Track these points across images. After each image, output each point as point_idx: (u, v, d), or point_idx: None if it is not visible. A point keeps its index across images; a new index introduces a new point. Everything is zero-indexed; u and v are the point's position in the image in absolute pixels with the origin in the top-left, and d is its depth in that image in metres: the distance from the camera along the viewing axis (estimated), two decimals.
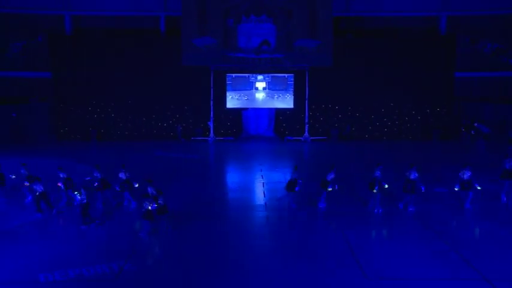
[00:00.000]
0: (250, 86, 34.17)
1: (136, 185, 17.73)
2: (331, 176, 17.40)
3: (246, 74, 34.06)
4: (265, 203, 18.40)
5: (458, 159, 26.70)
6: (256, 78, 34.08)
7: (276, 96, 34.24)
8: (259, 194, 20.03)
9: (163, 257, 13.17)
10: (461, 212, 17.23)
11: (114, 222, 15.93)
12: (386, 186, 17.13)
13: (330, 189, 17.37)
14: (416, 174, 17.14)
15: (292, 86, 34.16)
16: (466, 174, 17.15)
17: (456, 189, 17.50)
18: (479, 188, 17.26)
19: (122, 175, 17.83)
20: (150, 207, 14.45)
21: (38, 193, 16.41)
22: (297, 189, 17.48)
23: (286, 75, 34.15)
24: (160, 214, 14.84)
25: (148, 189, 15.62)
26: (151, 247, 14.07)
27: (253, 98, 34.25)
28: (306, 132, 34.10)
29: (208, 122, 34.23)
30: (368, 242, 14.22)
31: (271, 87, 34.19)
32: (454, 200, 18.25)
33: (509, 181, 18.30)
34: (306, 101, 34.01)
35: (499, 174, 18.77)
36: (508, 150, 29.45)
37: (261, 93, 34.20)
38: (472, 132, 33.57)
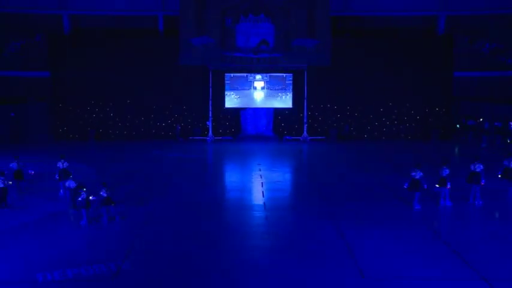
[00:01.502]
0: (249, 86, 34.18)
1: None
2: (446, 172, 17.14)
3: (245, 74, 34.05)
4: (264, 203, 18.38)
5: (455, 158, 26.81)
6: (254, 77, 34.09)
7: (274, 95, 34.22)
8: (258, 193, 20.01)
9: (162, 256, 13.15)
10: (460, 212, 17.24)
11: (114, 221, 15.91)
12: (425, 187, 17.09)
13: (448, 186, 17.23)
14: (482, 167, 17.51)
15: (291, 86, 34.17)
16: (445, 172, 17.24)
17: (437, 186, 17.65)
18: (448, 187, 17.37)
19: (59, 164, 18.75)
20: (91, 197, 15.48)
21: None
22: (425, 186, 17.06)
23: (284, 74, 34.15)
24: (104, 205, 15.67)
25: (69, 183, 16.70)
26: (150, 247, 14.06)
27: (251, 98, 34.24)
28: (305, 131, 34.10)
29: (207, 122, 34.21)
30: (366, 241, 14.20)
31: (269, 87, 34.20)
32: (454, 199, 18.28)
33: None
34: (305, 101, 34.00)
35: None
36: (483, 142, 31.12)
37: (260, 93, 34.19)
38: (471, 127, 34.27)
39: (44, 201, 18.41)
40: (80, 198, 15.49)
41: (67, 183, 17.20)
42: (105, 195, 15.73)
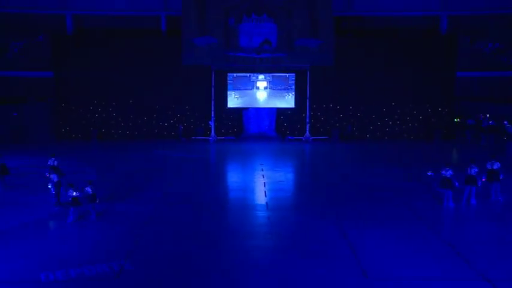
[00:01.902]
0: (252, 86, 34.17)
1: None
2: (475, 171, 17.51)
3: (247, 74, 34.05)
4: (267, 203, 18.38)
5: (459, 158, 26.77)
6: (257, 77, 34.07)
7: (277, 95, 34.21)
8: (261, 193, 20.01)
9: (164, 256, 13.16)
10: (462, 212, 17.24)
11: (115, 221, 15.95)
12: (457, 185, 17.40)
13: (479, 184, 17.67)
14: (499, 165, 17.99)
15: (294, 86, 34.15)
16: (474, 170, 17.61)
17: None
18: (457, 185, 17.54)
19: (50, 162, 19.60)
20: (75, 194, 15.87)
21: None
22: (457, 185, 17.32)
23: (287, 74, 34.13)
24: (90, 202, 16.16)
25: (53, 176, 17.39)
26: (152, 247, 14.07)
27: (254, 98, 34.23)
28: (307, 131, 34.07)
29: (210, 122, 34.22)
30: (369, 241, 14.20)
31: (272, 87, 34.18)
32: (458, 199, 18.30)
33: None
34: (307, 101, 33.98)
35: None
36: (482, 141, 32.00)
37: (262, 93, 34.19)
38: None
39: (38, 198, 18.60)
40: (69, 199, 15.89)
41: (51, 177, 17.65)
42: (90, 192, 16.14)
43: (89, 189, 16.15)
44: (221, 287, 11.53)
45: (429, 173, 17.83)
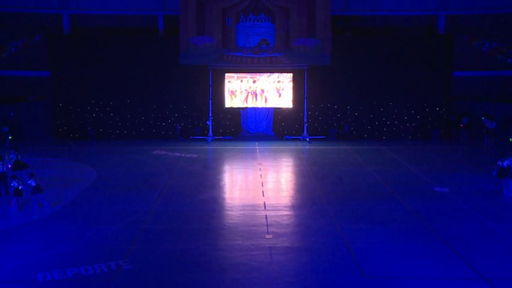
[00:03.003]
0: (249, 85, 34.07)
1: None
2: (507, 163, 18.52)
3: (245, 73, 34.00)
4: (264, 202, 18.38)
5: (459, 158, 26.82)
6: (255, 77, 34.00)
7: (274, 95, 34.15)
8: (258, 193, 20.01)
9: (163, 255, 13.15)
10: (461, 211, 17.26)
11: (113, 221, 15.92)
12: None
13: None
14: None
15: (291, 85, 34.11)
16: (506, 163, 18.65)
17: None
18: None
19: (13, 156, 20.51)
20: (19, 187, 16.91)
21: None
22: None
23: (285, 74, 34.08)
24: (34, 193, 17.20)
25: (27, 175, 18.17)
26: (150, 246, 14.05)
27: (251, 97, 34.16)
28: (305, 131, 34.06)
29: (207, 121, 34.18)
30: (367, 240, 14.21)
31: (269, 86, 34.11)
32: (455, 199, 18.34)
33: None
34: (305, 100, 33.95)
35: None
36: (461, 137, 33.26)
37: (260, 93, 34.09)
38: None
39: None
40: (11, 189, 16.99)
41: None
42: (34, 184, 17.06)
43: (32, 182, 17.04)
44: (220, 287, 11.52)
45: (494, 173, 19.05)
